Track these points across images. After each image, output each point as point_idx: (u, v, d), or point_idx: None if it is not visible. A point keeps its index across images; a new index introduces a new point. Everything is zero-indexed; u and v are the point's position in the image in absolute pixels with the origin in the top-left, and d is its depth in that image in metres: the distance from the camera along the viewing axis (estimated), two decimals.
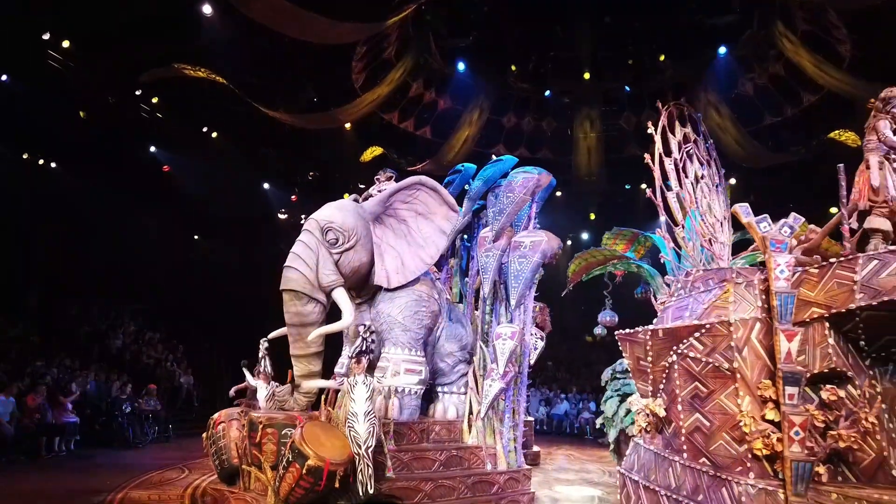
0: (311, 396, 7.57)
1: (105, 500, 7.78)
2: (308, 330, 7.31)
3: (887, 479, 5.64)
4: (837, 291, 5.90)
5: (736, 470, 6.18)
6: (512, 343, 8.16)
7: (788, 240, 6.28)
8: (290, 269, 7.35)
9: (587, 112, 20.92)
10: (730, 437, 6.29)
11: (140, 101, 16.56)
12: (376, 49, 17.96)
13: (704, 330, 6.61)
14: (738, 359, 6.32)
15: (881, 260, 5.65)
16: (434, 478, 7.21)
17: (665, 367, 7.11)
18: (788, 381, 5.84)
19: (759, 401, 6.16)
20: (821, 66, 16.55)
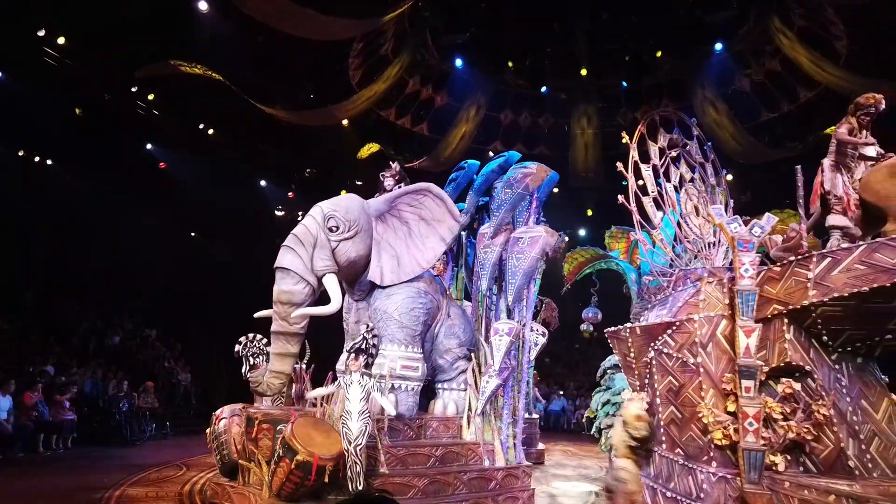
0: (284, 378, 7.64)
1: (103, 498, 7.78)
2: (293, 309, 7.43)
3: (844, 470, 5.82)
4: (795, 288, 6.12)
5: (702, 459, 6.55)
6: (508, 339, 8.19)
7: (757, 239, 6.53)
8: (286, 248, 7.57)
9: (584, 108, 20.92)
10: (697, 428, 6.65)
11: (136, 98, 16.50)
12: (373, 45, 17.92)
13: (675, 327, 7.00)
14: (703, 354, 6.68)
15: (833, 257, 5.83)
16: (428, 474, 7.22)
17: (646, 363, 7.48)
18: (744, 374, 6.14)
19: (722, 393, 6.47)
20: (817, 63, 16.56)
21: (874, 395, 6.30)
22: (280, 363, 7.58)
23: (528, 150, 20.23)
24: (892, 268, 5.43)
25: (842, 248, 5.89)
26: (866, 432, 6.06)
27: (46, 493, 8.07)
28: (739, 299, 6.30)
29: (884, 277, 5.47)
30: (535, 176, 9.15)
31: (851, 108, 6.60)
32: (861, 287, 5.57)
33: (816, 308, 5.94)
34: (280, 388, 7.77)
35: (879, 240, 5.73)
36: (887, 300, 5.57)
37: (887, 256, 5.49)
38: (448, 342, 8.51)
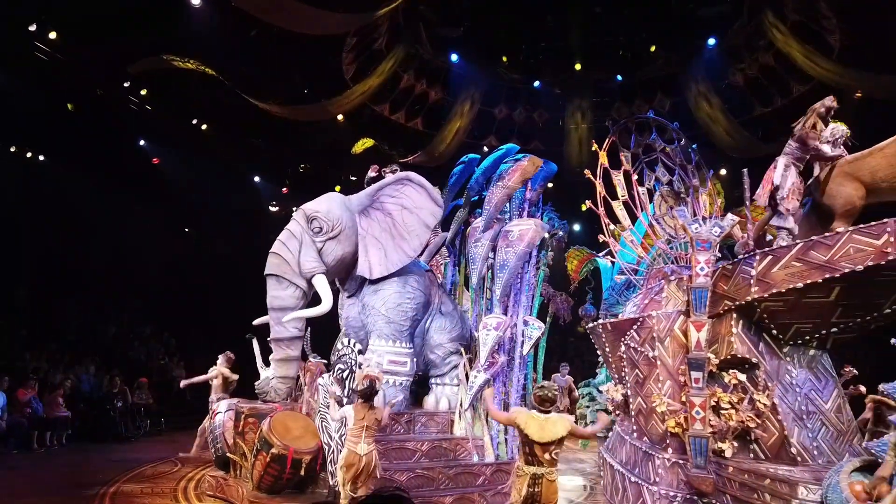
0: (290, 382, 7.84)
1: (98, 494, 7.80)
2: (286, 313, 7.63)
3: (788, 457, 6.12)
4: (742, 285, 6.48)
5: (662, 446, 6.99)
6: (496, 333, 8.23)
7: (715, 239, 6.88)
8: (273, 255, 7.78)
9: (578, 103, 20.90)
10: (657, 417, 7.05)
11: (129, 94, 16.41)
12: (367, 40, 17.86)
13: (639, 323, 7.47)
14: (660, 348, 7.12)
15: (774, 255, 6.16)
16: (413, 468, 7.27)
17: (620, 357, 7.91)
18: (693, 366, 6.48)
19: (679, 385, 6.88)
20: (810, 57, 16.57)
21: (824, 386, 6.63)
22: (284, 368, 7.75)
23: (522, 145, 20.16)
24: (825, 264, 5.73)
25: (781, 247, 6.21)
26: (814, 421, 6.38)
27: (41, 490, 8.08)
28: (693, 296, 6.61)
29: (817, 273, 5.77)
30: (527, 169, 9.19)
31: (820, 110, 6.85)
32: (796, 283, 5.90)
33: (760, 303, 6.27)
34: (287, 392, 7.91)
35: (814, 238, 6.01)
36: (824, 295, 5.85)
37: (821, 254, 5.78)
38: (439, 337, 8.55)
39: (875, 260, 5.44)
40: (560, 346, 22.30)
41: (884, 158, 5.98)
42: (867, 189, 6.09)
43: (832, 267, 5.70)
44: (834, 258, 5.71)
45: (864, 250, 5.55)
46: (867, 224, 5.71)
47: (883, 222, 5.56)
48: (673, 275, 7.77)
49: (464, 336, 8.90)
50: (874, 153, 6.12)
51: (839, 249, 5.71)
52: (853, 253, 5.60)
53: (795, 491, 5.37)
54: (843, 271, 5.61)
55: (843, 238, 5.72)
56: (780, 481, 5.54)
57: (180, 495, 7.94)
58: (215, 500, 7.68)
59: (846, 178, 6.17)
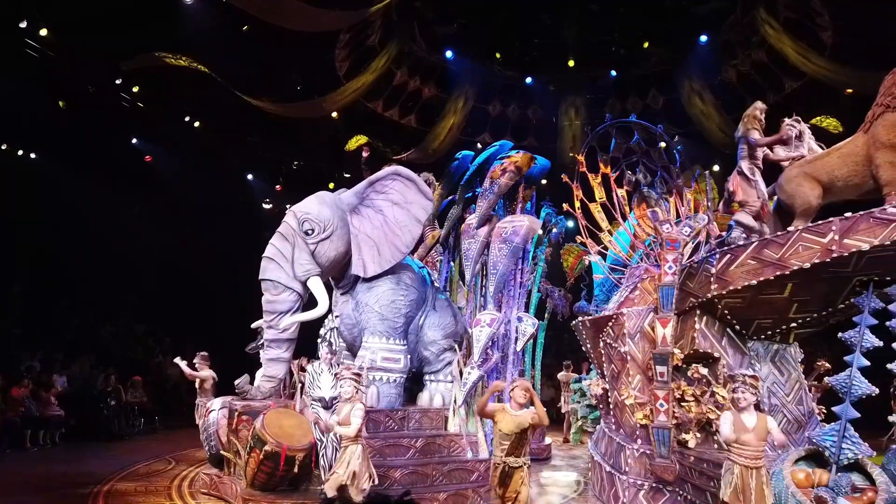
0: (275, 382, 7.82)
1: (92, 492, 7.77)
2: (282, 317, 7.63)
3: None
4: (704, 283, 6.70)
5: (633, 437, 7.31)
6: (490, 330, 8.26)
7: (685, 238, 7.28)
8: (267, 260, 7.75)
9: (572, 100, 20.93)
10: (629, 410, 7.37)
11: (121, 91, 16.30)
12: (360, 36, 17.81)
13: (614, 320, 7.78)
14: (630, 344, 7.46)
15: (732, 254, 6.39)
16: (407, 465, 7.27)
17: (599, 353, 8.20)
18: (658, 361, 6.78)
19: (648, 379, 7.14)
20: (803, 53, 16.65)
21: (787, 379, 6.86)
22: (273, 368, 7.75)
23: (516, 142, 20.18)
24: (776, 262, 5.92)
25: (738, 245, 6.43)
26: (776, 413, 6.59)
27: (34, 488, 8.04)
28: (661, 294, 6.93)
29: (769, 271, 5.97)
30: (512, 164, 9.19)
31: (755, 113, 7.22)
32: (751, 280, 6.10)
33: (720, 300, 6.51)
34: (271, 391, 7.89)
35: (768, 236, 6.24)
36: (778, 291, 6.06)
37: (773, 252, 5.98)
38: (433, 333, 8.54)
39: (821, 257, 5.61)
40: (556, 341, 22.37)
41: (839, 159, 6.11)
42: (824, 189, 6.23)
43: (783, 264, 5.89)
44: (785, 256, 5.89)
45: (811, 248, 5.72)
46: (815, 223, 5.90)
47: (829, 221, 5.72)
48: (646, 273, 8.07)
49: (458, 333, 8.89)
50: (831, 153, 6.27)
51: (790, 247, 5.88)
52: (802, 251, 5.77)
53: None
54: (793, 268, 5.79)
55: (794, 236, 5.89)
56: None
57: (174, 493, 7.92)
58: (209, 497, 7.66)
59: (804, 178, 6.32)
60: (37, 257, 17.04)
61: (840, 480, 5.09)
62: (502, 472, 5.32)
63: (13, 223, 16.23)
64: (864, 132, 5.90)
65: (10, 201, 15.89)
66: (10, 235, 16.11)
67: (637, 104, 20.49)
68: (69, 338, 15.60)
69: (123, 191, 17.88)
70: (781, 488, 5.12)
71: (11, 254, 16.31)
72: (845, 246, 5.45)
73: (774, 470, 5.33)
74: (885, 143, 5.58)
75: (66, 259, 17.41)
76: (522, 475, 5.35)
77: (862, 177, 5.86)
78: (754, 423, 4.84)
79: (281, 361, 7.79)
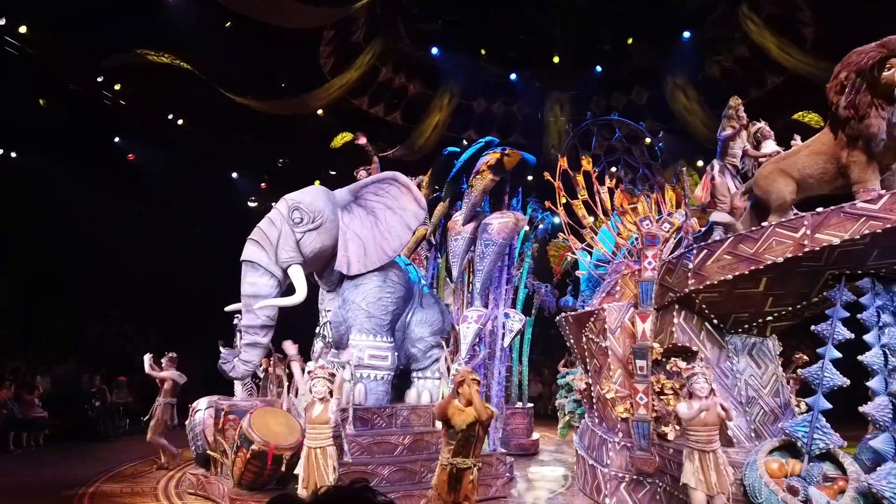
0: (251, 367, 7.85)
1: (77, 494, 7.74)
2: (260, 301, 7.61)
3: (725, 439, 6.38)
4: (682, 278, 6.81)
5: (615, 430, 7.45)
6: (477, 326, 8.31)
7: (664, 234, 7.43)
8: (251, 242, 7.78)
9: (557, 96, 20.97)
10: (611, 404, 7.49)
11: (102, 88, 16.15)
12: (344, 33, 17.75)
13: (595, 315, 7.88)
14: (612, 339, 7.56)
15: (709, 250, 6.51)
16: (394, 462, 7.32)
17: (582, 348, 8.33)
18: (637, 355, 6.91)
19: (628, 373, 7.26)
20: (784, 49, 16.81)
21: (763, 372, 7.02)
22: (250, 353, 7.74)
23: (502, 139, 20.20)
24: (751, 257, 6.04)
25: (715, 241, 6.57)
26: (753, 405, 6.77)
27: (19, 491, 7.99)
28: (640, 289, 7.06)
29: (744, 266, 6.10)
30: (496, 160, 9.23)
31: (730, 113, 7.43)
32: (726, 275, 6.23)
33: (698, 295, 6.63)
34: (246, 374, 7.95)
35: (743, 232, 6.36)
36: (753, 286, 6.19)
37: (748, 247, 6.10)
38: (420, 330, 8.58)
39: (794, 252, 5.73)
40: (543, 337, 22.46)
41: (810, 156, 6.22)
42: (798, 184, 6.33)
43: (757, 259, 6.01)
44: (759, 251, 6.01)
45: (784, 243, 5.83)
46: (788, 218, 6.02)
47: (801, 216, 5.86)
48: (627, 269, 8.20)
49: (445, 329, 8.94)
50: (802, 150, 6.37)
51: (763, 242, 6.00)
52: (775, 246, 5.89)
53: None
54: (767, 263, 5.91)
55: (768, 232, 6.00)
56: None
57: (161, 494, 7.91)
58: (196, 498, 7.65)
59: (778, 174, 6.42)
60: (21, 258, 16.85)
61: (812, 470, 5.21)
62: (450, 474, 4.90)
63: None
64: (831, 130, 5.99)
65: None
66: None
67: (621, 100, 20.58)
68: (55, 338, 15.46)
69: (107, 190, 17.70)
70: (755, 478, 5.23)
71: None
72: (817, 240, 5.56)
73: (749, 461, 5.44)
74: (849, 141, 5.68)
75: (51, 259, 17.24)
76: (472, 478, 4.93)
77: (831, 173, 5.97)
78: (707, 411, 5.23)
79: (258, 346, 7.76)
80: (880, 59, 5.48)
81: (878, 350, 5.32)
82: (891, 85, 5.43)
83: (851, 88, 5.59)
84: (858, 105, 5.55)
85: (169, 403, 9.59)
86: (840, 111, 5.73)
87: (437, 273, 10.95)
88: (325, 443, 5.88)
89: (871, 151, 5.58)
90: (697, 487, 5.25)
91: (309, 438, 5.90)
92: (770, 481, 5.18)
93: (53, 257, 17.23)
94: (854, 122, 5.59)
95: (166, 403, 9.58)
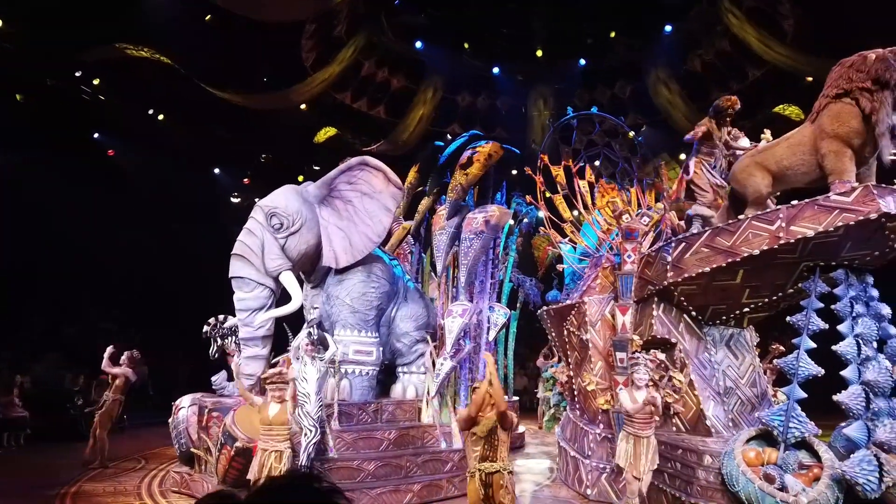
0: (255, 380, 7.67)
1: (59, 494, 7.66)
2: (255, 314, 7.56)
3: (704, 429, 6.56)
4: (660, 271, 6.91)
5: (596, 422, 7.59)
6: (462, 320, 8.32)
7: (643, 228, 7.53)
8: (236, 257, 7.64)
9: (540, 90, 21.02)
10: (592, 395, 7.65)
11: (81, 83, 15.93)
12: (326, 26, 17.63)
13: (576, 308, 8.02)
14: (592, 331, 7.71)
15: (687, 242, 6.62)
16: (380, 457, 7.33)
17: (564, 340, 8.45)
18: (617, 347, 7.09)
19: (609, 365, 7.40)
20: (765, 42, 16.96)
21: (741, 362, 7.13)
22: (252, 366, 7.63)
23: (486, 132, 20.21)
24: (728, 249, 6.14)
25: (693, 234, 6.65)
26: (731, 395, 6.88)
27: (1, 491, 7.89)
28: (620, 282, 7.22)
29: (721, 258, 6.20)
30: (490, 155, 9.25)
31: (711, 112, 7.38)
32: (704, 267, 6.32)
33: (676, 287, 6.72)
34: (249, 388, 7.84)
35: (720, 225, 6.45)
36: (730, 278, 6.29)
37: (725, 240, 6.20)
38: (404, 325, 8.58)
39: (769, 244, 5.82)
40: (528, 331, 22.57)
41: (788, 148, 6.28)
42: (774, 177, 6.41)
43: (734, 252, 6.09)
44: (736, 243, 6.10)
45: (760, 235, 5.92)
46: (764, 211, 6.09)
47: (777, 209, 5.93)
48: (607, 262, 8.32)
49: (430, 324, 8.95)
50: (780, 143, 6.44)
51: (740, 235, 6.09)
52: (752, 238, 5.98)
53: (702, 459, 5.90)
54: (743, 255, 5.99)
55: (744, 224, 6.10)
56: (689, 451, 6.11)
57: (144, 493, 7.84)
58: (180, 496, 7.61)
59: (755, 167, 6.49)
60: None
61: (788, 458, 5.30)
62: (480, 481, 4.56)
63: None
64: (811, 122, 6.07)
65: None
66: None
67: (605, 94, 20.68)
68: (34, 337, 15.28)
69: (87, 186, 17.48)
70: (733, 467, 5.31)
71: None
72: (792, 233, 5.63)
73: (727, 450, 5.52)
74: (829, 133, 5.74)
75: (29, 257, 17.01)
76: (503, 483, 4.58)
77: (809, 166, 6.04)
78: (643, 399, 5.51)
79: (259, 359, 7.70)
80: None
81: (851, 340, 5.41)
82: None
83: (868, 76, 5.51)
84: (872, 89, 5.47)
85: (117, 400, 9.58)
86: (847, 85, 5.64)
87: (421, 268, 10.96)
88: (280, 446, 5.72)
89: (852, 142, 5.64)
90: (628, 469, 5.60)
91: (263, 440, 5.74)
92: (747, 470, 5.27)
93: (31, 255, 17.00)
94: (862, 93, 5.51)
95: (115, 399, 9.59)
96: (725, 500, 5.53)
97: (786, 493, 5.08)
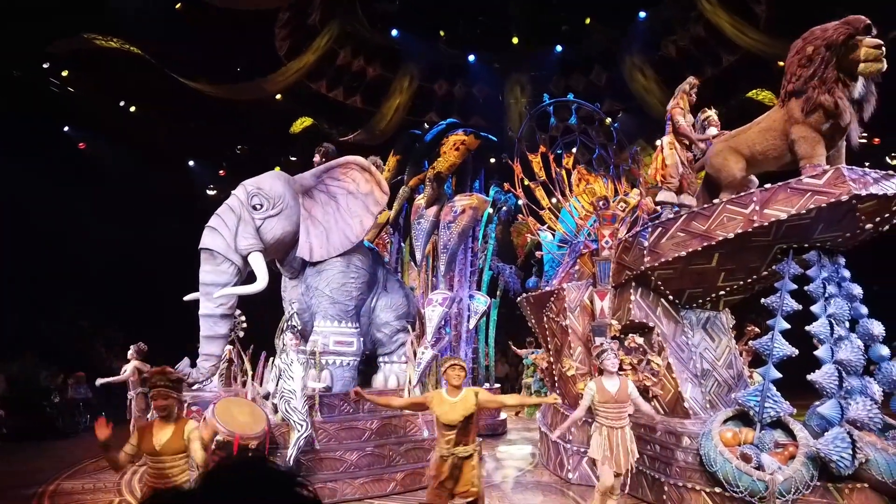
0: (214, 360, 7.61)
1: (37, 493, 7.56)
2: (218, 290, 7.44)
3: (682, 411, 6.70)
4: (637, 256, 7.00)
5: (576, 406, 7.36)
6: (442, 309, 8.35)
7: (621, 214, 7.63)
8: (209, 229, 7.58)
9: (517, 78, 20.99)
10: (572, 381, 7.71)
11: (49, 75, 15.54)
12: (300, 15, 17.39)
13: (555, 295, 8.07)
14: (571, 317, 7.76)
15: (663, 227, 6.71)
16: (362, 447, 7.33)
17: (543, 327, 8.51)
18: (596, 332, 7.17)
19: (588, 350, 7.43)
20: (738, 27, 17.10)
21: (717, 345, 7.26)
22: (209, 345, 7.53)
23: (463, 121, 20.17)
24: (703, 233, 6.24)
25: (669, 219, 6.73)
26: (708, 378, 7.01)
27: None
28: (598, 268, 7.29)
29: (696, 242, 6.29)
30: (467, 144, 9.25)
31: (685, 88, 7.52)
32: (680, 252, 6.41)
33: (653, 272, 6.82)
34: (213, 371, 7.70)
35: (695, 209, 6.54)
36: (706, 262, 6.39)
37: (700, 224, 6.30)
38: (385, 315, 8.57)
39: (744, 227, 5.92)
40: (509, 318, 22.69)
41: (759, 133, 6.36)
42: (747, 161, 6.49)
43: (709, 235, 6.19)
44: (711, 227, 6.20)
45: (735, 219, 6.02)
46: (738, 195, 6.17)
47: (750, 192, 6.04)
48: (585, 248, 8.39)
49: (410, 313, 8.95)
50: (752, 127, 6.52)
51: (715, 219, 6.19)
52: (727, 222, 6.07)
53: (680, 441, 6.01)
54: (718, 239, 6.09)
55: (719, 208, 6.19)
56: (668, 433, 6.21)
57: (124, 489, 7.78)
58: None
59: (729, 151, 6.57)
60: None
61: (764, 437, 5.41)
62: (452, 464, 4.57)
63: None
64: (781, 107, 6.13)
65: None
66: None
67: (581, 81, 20.71)
68: (9, 334, 15.00)
69: (58, 180, 17.11)
70: (710, 447, 5.41)
71: None
72: (765, 216, 5.73)
73: (704, 431, 5.62)
74: (798, 119, 5.82)
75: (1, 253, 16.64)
76: (474, 464, 4.67)
77: (780, 150, 6.12)
78: (617, 387, 5.28)
79: (217, 338, 7.55)
80: (848, 36, 5.54)
81: (824, 320, 5.53)
82: (857, 61, 5.51)
83: (820, 62, 5.64)
84: (826, 78, 5.60)
85: (141, 393, 9.53)
86: (803, 83, 5.76)
87: (400, 257, 10.95)
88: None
89: (821, 127, 5.73)
90: (604, 463, 5.21)
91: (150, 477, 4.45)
92: (724, 450, 5.37)
93: (3, 251, 16.62)
94: (818, 93, 5.62)
95: (139, 394, 9.59)
96: (704, 481, 5.63)
97: (762, 471, 5.19)
